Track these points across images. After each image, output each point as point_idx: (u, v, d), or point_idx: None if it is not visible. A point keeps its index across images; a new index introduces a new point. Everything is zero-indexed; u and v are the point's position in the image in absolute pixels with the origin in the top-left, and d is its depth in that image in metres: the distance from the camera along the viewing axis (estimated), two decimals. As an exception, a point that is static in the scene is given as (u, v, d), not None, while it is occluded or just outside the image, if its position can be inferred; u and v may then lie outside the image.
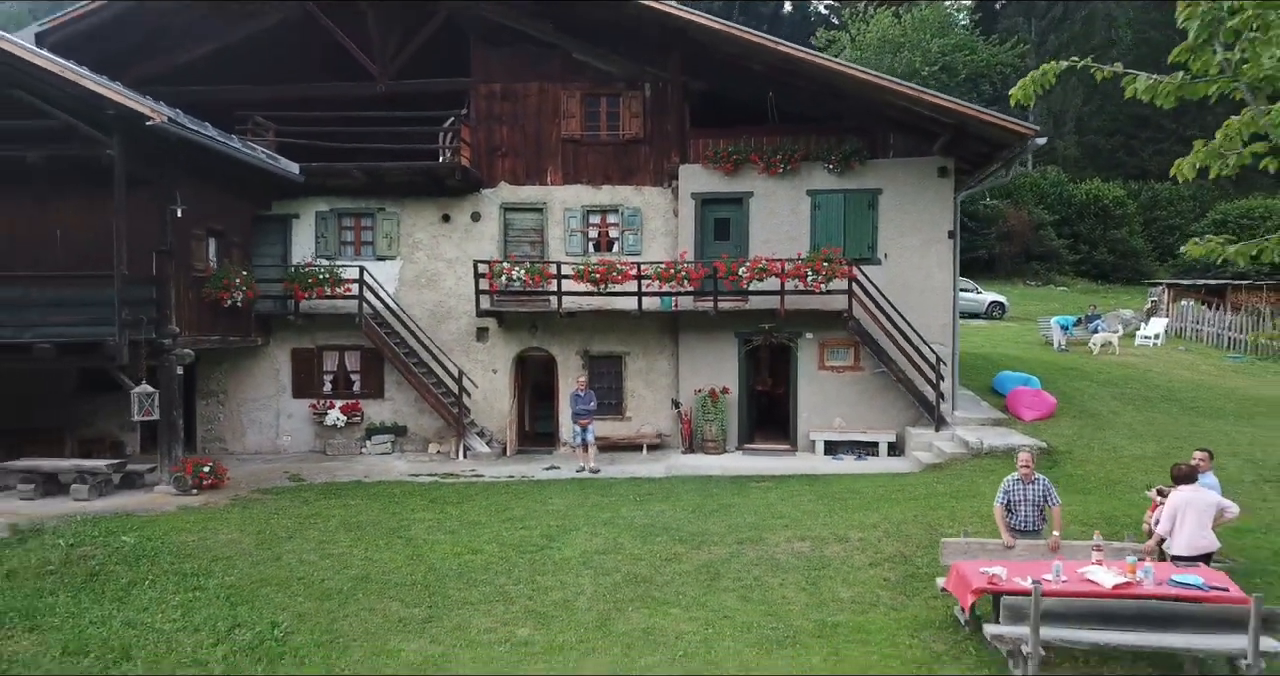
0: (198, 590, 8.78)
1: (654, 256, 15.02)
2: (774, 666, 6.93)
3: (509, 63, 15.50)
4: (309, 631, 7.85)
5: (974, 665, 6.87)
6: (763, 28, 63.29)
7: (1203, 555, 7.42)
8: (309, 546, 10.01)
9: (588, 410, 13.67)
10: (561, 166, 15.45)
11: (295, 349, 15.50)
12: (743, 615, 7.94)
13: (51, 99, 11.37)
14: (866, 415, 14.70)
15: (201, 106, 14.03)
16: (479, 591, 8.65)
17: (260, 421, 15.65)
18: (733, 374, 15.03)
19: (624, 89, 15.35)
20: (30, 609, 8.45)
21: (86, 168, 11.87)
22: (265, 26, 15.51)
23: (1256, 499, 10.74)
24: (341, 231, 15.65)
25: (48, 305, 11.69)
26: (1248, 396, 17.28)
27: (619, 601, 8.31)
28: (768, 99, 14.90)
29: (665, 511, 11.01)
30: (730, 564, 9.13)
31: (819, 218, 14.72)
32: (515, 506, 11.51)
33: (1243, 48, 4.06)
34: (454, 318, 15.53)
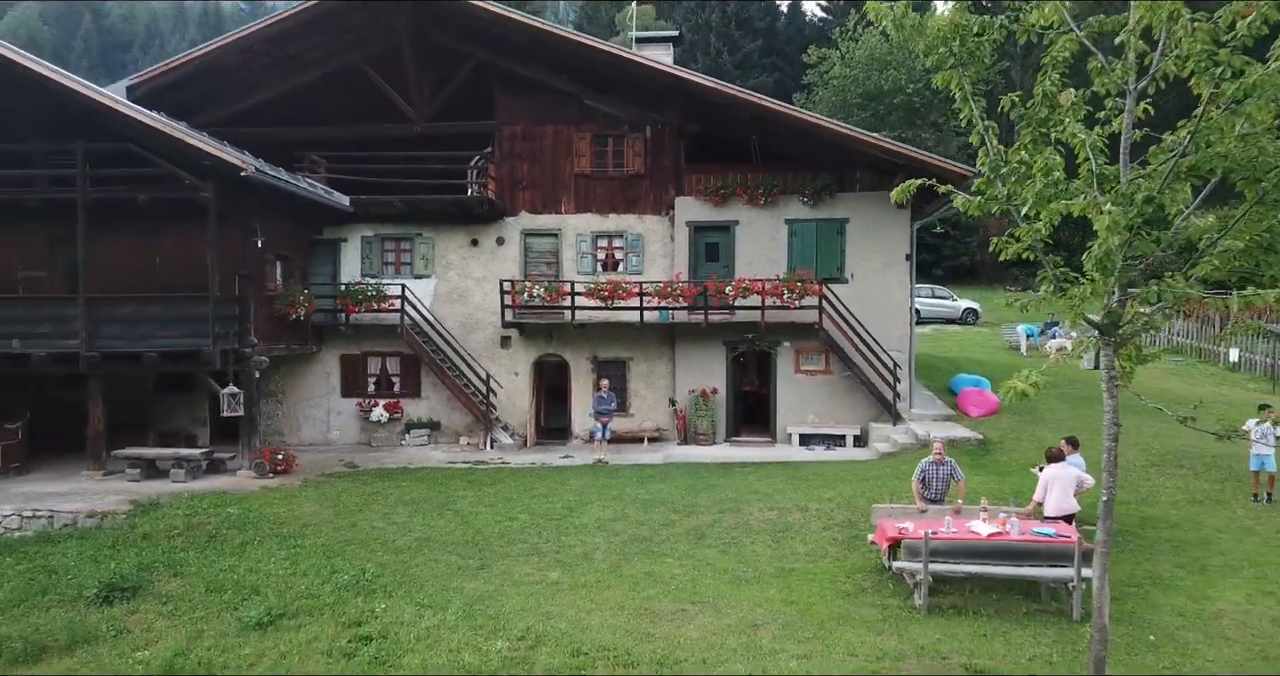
0: (297, 547, 11.24)
1: (654, 276, 17.48)
2: (740, 596, 9.40)
3: (529, 108, 17.96)
4: (390, 575, 10.31)
5: (889, 594, 9.33)
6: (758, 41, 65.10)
7: (1066, 515, 9.87)
8: (376, 516, 12.48)
9: (609, 409, 16.12)
10: (574, 198, 17.92)
11: (344, 355, 17.96)
12: (721, 563, 10.41)
13: (158, 151, 13.81)
14: (835, 412, 17.16)
15: (260, 146, 16.50)
16: (517, 547, 11.13)
17: (313, 417, 18.12)
18: (721, 377, 17.50)
19: (628, 131, 17.81)
20: (170, 560, 10.93)
21: (182, 206, 14.30)
22: (316, 76, 17.97)
23: (1141, 479, 13.23)
24: (384, 253, 18.11)
25: (154, 321, 14.17)
26: (1173, 396, 19.69)
27: (626, 554, 10.79)
28: (751, 141, 17.36)
29: (663, 490, 13.48)
30: (713, 527, 11.60)
31: (795, 243, 17.19)
32: (539, 486, 13.99)
33: (1010, 185, 6.46)
34: (481, 328, 17.99)
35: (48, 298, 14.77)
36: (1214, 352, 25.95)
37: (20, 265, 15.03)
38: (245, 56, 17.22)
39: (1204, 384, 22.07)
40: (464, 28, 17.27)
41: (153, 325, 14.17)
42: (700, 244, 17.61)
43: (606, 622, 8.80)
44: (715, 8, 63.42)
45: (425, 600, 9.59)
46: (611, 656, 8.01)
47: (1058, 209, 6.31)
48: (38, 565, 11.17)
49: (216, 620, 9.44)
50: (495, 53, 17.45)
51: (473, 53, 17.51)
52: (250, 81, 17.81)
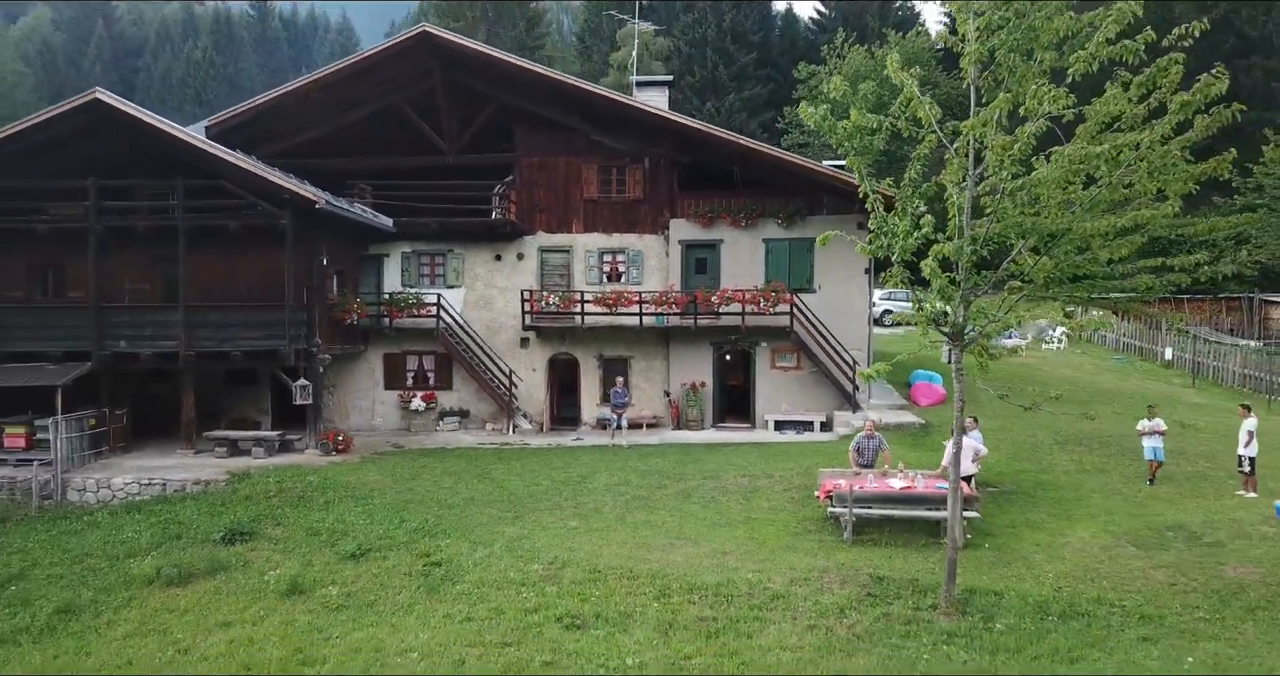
0: (369, 505, 14.29)
1: (651, 286, 20.50)
2: (715, 535, 12.44)
3: (544, 142, 20.98)
4: (446, 523, 13.36)
5: (827, 533, 12.37)
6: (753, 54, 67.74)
7: (966, 476, 12.89)
8: (427, 483, 15.54)
9: (624, 403, 19.11)
10: (583, 219, 20.94)
11: (387, 353, 20.99)
12: (702, 514, 13.48)
13: (245, 186, 16.86)
14: (805, 402, 20.20)
15: (315, 174, 19.53)
16: (542, 504, 14.19)
17: (360, 407, 21.15)
18: (709, 372, 20.55)
19: (629, 162, 20.83)
20: (272, 514, 14.00)
21: (261, 230, 17.32)
22: (362, 115, 20.97)
23: (1045, 454, 16.31)
24: (421, 267, 21.14)
25: (239, 325, 17.24)
26: (1100, 389, 22.81)
27: (628, 508, 13.85)
28: (734, 171, 20.38)
29: (658, 463, 16.52)
30: (697, 489, 14.66)
31: (771, 259, 20.23)
32: (557, 461, 17.04)
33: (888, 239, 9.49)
34: (504, 330, 21.01)
35: (151, 306, 17.80)
36: (1154, 352, 29.04)
37: (127, 280, 18.04)
38: (302, 101, 20.22)
39: (1133, 379, 25.12)
40: (489, 75, 20.29)
41: (238, 328, 17.24)
42: (691, 259, 20.65)
43: (614, 552, 11.85)
44: (711, 23, 66.34)
45: (476, 539, 12.65)
46: (618, 572, 11.05)
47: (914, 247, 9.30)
48: (165, 519, 14.26)
49: (319, 553, 12.51)
50: (515, 95, 20.48)
51: (496, 95, 20.54)
52: (306, 119, 20.80)
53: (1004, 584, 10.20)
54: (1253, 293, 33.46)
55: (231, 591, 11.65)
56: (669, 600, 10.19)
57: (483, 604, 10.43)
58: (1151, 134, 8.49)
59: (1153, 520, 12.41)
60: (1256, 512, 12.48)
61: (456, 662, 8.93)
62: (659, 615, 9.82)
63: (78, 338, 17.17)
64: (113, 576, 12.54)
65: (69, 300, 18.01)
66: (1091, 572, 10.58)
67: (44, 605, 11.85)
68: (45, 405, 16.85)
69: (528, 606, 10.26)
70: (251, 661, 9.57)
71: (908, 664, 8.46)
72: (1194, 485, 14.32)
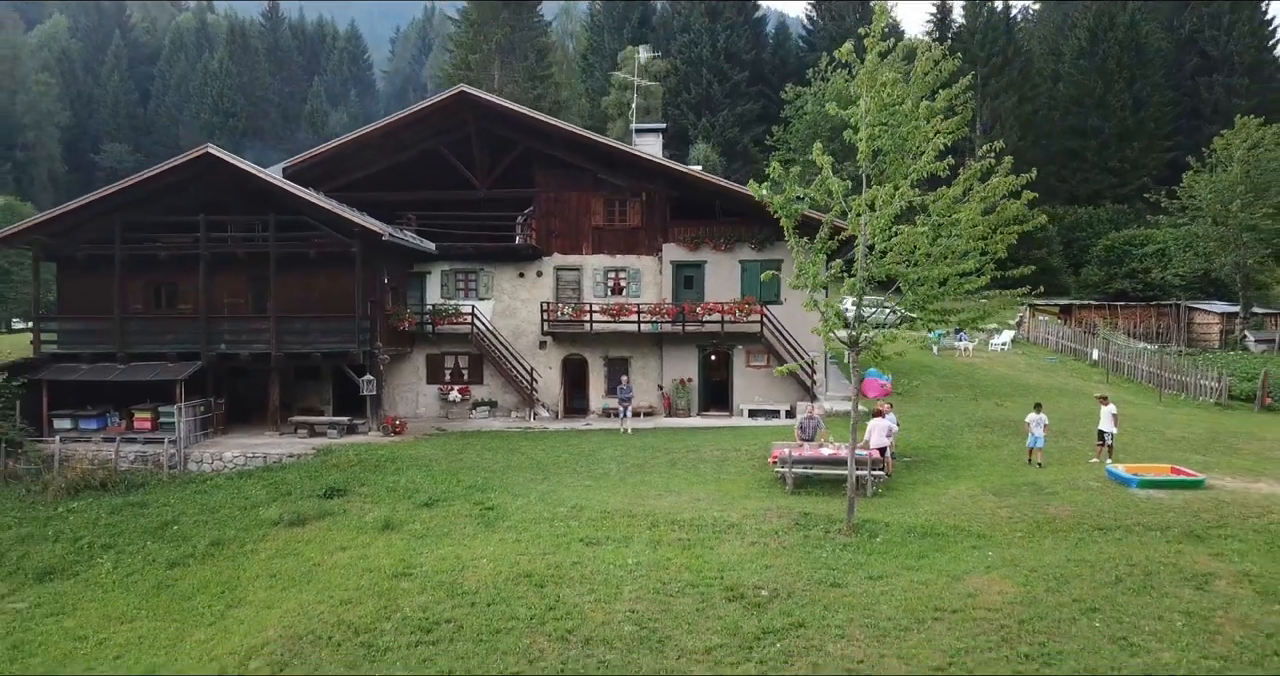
0: (430, 471, 18.66)
1: (647, 299, 24.85)
2: (693, 489, 16.81)
3: (559, 179, 25.32)
4: (491, 483, 17.72)
5: (775, 487, 16.73)
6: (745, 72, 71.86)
7: (880, 448, 17.25)
8: (472, 456, 19.92)
9: (629, 397, 23.38)
10: (591, 243, 25.30)
11: (429, 353, 25.35)
12: (684, 476, 17.86)
13: (323, 220, 21.23)
14: (775, 394, 24.55)
15: (370, 205, 23.88)
16: (563, 470, 18.58)
17: (406, 398, 25.50)
18: (695, 369, 24.91)
19: (629, 196, 25.18)
20: (356, 478, 18.38)
21: (333, 254, 21.66)
22: (408, 156, 25.33)
23: (956, 434, 20.66)
24: (457, 282, 25.50)
25: (317, 332, 21.61)
26: (1025, 384, 27.15)
27: (628, 472, 18.24)
28: (715, 204, 24.74)
29: (652, 442, 20.89)
30: (682, 460, 19.05)
31: (746, 277, 24.60)
32: (572, 440, 21.41)
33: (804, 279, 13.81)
34: (525, 335, 25.37)
35: (247, 316, 22.17)
36: (1085, 353, 33.37)
37: (226, 294, 22.38)
38: (361, 146, 24.60)
39: (1058, 376, 29.48)
40: (513, 125, 24.66)
41: (316, 334, 21.63)
42: (680, 276, 25.02)
43: (618, 501, 16.21)
44: (706, 43, 70.67)
45: (515, 493, 17.01)
46: (621, 512, 15.39)
47: (824, 283, 13.66)
48: (274, 482, 18.65)
49: (399, 503, 16.87)
50: (536, 141, 24.86)
51: (520, 141, 24.91)
52: (363, 160, 25.17)
53: (890, 517, 14.56)
54: (1181, 300, 37.86)
55: (340, 528, 16.04)
56: (657, 529, 14.56)
57: (526, 532, 14.81)
58: (967, 211, 12.87)
59: (1016, 479, 16.74)
60: (1094, 474, 16.81)
61: (513, 563, 13.28)
62: (649, 537, 14.19)
63: (189, 342, 21.57)
64: (246, 520, 16.94)
65: (180, 311, 22.37)
66: (955, 511, 14.93)
67: (199, 540, 16.26)
68: (160, 395, 21.25)
69: (558, 533, 14.64)
70: (368, 568, 13.93)
71: (814, 562, 12.81)
72: (1062, 456, 18.66)
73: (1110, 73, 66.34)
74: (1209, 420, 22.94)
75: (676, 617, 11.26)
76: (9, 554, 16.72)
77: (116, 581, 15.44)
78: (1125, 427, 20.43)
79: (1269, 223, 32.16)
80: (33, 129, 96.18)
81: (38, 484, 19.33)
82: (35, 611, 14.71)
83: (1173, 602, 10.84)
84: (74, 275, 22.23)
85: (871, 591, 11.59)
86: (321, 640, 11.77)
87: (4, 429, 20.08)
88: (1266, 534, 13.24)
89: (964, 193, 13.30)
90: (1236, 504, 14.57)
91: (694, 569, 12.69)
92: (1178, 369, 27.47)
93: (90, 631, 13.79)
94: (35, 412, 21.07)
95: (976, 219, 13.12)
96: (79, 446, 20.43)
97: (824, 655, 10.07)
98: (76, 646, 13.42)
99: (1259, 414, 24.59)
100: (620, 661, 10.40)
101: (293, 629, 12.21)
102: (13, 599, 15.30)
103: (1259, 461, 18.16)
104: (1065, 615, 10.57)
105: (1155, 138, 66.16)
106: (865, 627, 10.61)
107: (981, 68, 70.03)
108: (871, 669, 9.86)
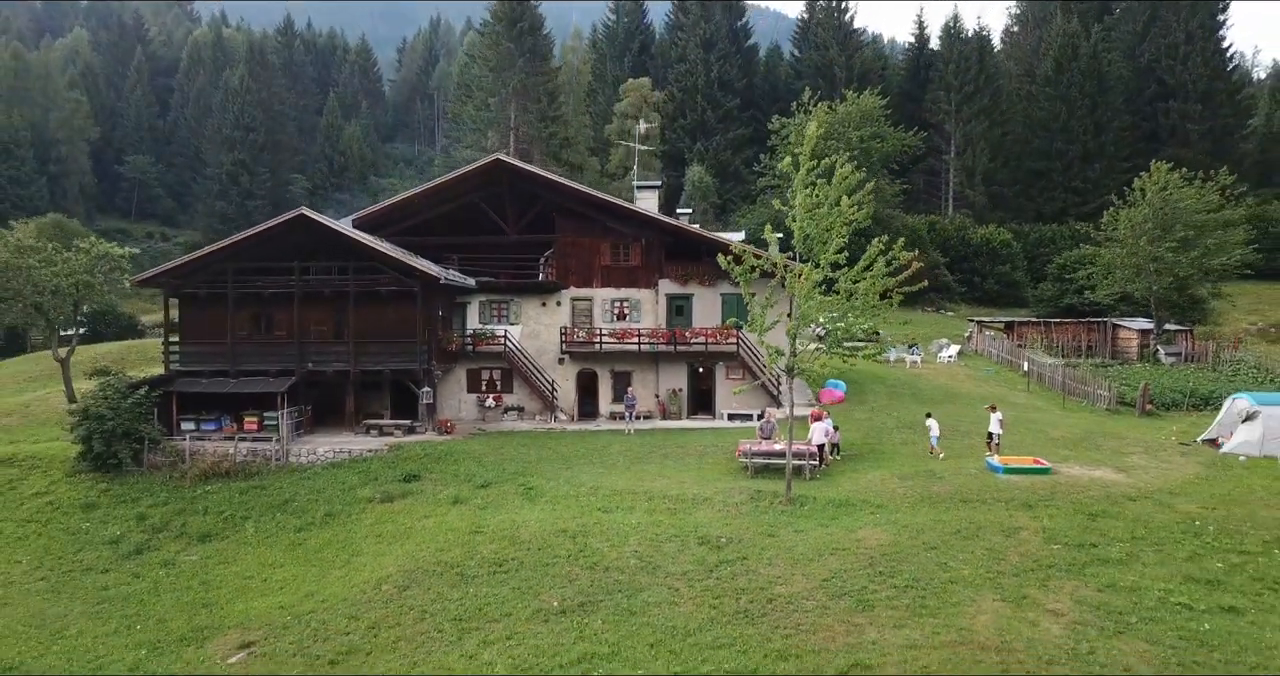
0: (481, 462, 24.53)
1: (646, 325, 30.70)
2: (679, 474, 22.68)
3: (575, 227, 31.16)
4: (529, 470, 23.58)
5: (740, 473, 22.59)
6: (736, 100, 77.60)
7: (819, 445, 23.09)
8: (510, 450, 25.79)
9: (633, 404, 29.17)
10: (600, 279, 31.14)
11: (469, 368, 31.19)
12: (674, 465, 23.75)
13: (390, 265, 27.09)
14: (750, 402, 30.36)
15: (420, 248, 29.73)
16: (582, 461, 24.47)
17: (450, 404, 31.33)
18: (684, 381, 30.76)
19: (631, 241, 31.02)
20: (426, 467, 24.28)
21: (398, 292, 27.50)
22: (451, 207, 31.18)
23: (886, 434, 26.52)
24: (491, 311, 31.34)
25: (385, 353, 27.48)
26: (959, 393, 33.00)
27: (632, 463, 24.13)
28: (701, 248, 30.59)
29: (649, 440, 26.76)
30: (673, 454, 24.93)
31: (726, 307, 30.44)
32: (586, 439, 27.29)
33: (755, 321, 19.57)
34: (547, 353, 31.21)
35: (330, 340, 28.02)
36: (1017, 364, 39.21)
37: (312, 323, 28.22)
38: (412, 201, 30.47)
39: (988, 385, 35.33)
40: (539, 184, 30.53)
41: (385, 355, 27.49)
42: (673, 306, 30.90)
43: (624, 483, 22.05)
44: (700, 73, 76.53)
45: (547, 477, 22.87)
46: (626, 491, 21.22)
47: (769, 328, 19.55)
48: (362, 470, 24.54)
49: (462, 486, 22.74)
50: (556, 197, 30.72)
51: (543, 196, 30.76)
52: (414, 211, 31.02)
53: (818, 493, 20.40)
54: (1109, 318, 43.72)
55: (421, 503, 21.92)
56: (652, 501, 20.40)
57: (558, 504, 20.67)
58: (864, 285, 18.74)
59: (919, 468, 22.56)
60: (977, 464, 22.62)
61: (552, 523, 19.12)
62: (647, 507, 20.04)
63: (285, 360, 27.43)
64: (347, 498, 22.83)
65: (277, 337, 28.21)
66: (866, 489, 20.76)
67: (315, 512, 22.16)
68: (261, 403, 27.10)
69: (581, 504, 20.49)
70: (449, 529, 19.77)
71: (759, 522, 18.63)
72: (961, 451, 24.48)
73: (1074, 99, 72.27)
74: (1092, 423, 28.77)
75: (664, 554, 17.14)
76: (172, 522, 22.66)
77: (260, 540, 21.37)
78: (1022, 429, 26.44)
79: (1171, 255, 37.92)
80: (65, 144, 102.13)
81: (176, 472, 25.22)
82: (207, 562, 20.64)
83: (986, 543, 16.68)
84: (193, 308, 28.08)
85: (794, 538, 17.45)
86: (428, 572, 17.65)
87: (147, 430, 25.91)
88: (1075, 503, 19.07)
89: (867, 266, 19.09)
90: (1068, 485, 20.42)
91: (677, 526, 18.56)
92: (1080, 380, 33.32)
93: (254, 572, 19.73)
94: (166, 417, 26.92)
95: (873, 287, 18.95)
96: (202, 444, 26.29)
97: (756, 574, 15.91)
98: (248, 582, 19.33)
99: (1139, 418, 30.44)
100: (627, 580, 16.26)
101: (405, 566, 18.10)
102: (186, 553, 21.22)
103: (1108, 455, 23.97)
104: (913, 551, 16.41)
105: (1115, 159, 72.17)
106: (785, 558, 16.46)
107: (955, 95, 76.21)
108: (786, 585, 15.68)
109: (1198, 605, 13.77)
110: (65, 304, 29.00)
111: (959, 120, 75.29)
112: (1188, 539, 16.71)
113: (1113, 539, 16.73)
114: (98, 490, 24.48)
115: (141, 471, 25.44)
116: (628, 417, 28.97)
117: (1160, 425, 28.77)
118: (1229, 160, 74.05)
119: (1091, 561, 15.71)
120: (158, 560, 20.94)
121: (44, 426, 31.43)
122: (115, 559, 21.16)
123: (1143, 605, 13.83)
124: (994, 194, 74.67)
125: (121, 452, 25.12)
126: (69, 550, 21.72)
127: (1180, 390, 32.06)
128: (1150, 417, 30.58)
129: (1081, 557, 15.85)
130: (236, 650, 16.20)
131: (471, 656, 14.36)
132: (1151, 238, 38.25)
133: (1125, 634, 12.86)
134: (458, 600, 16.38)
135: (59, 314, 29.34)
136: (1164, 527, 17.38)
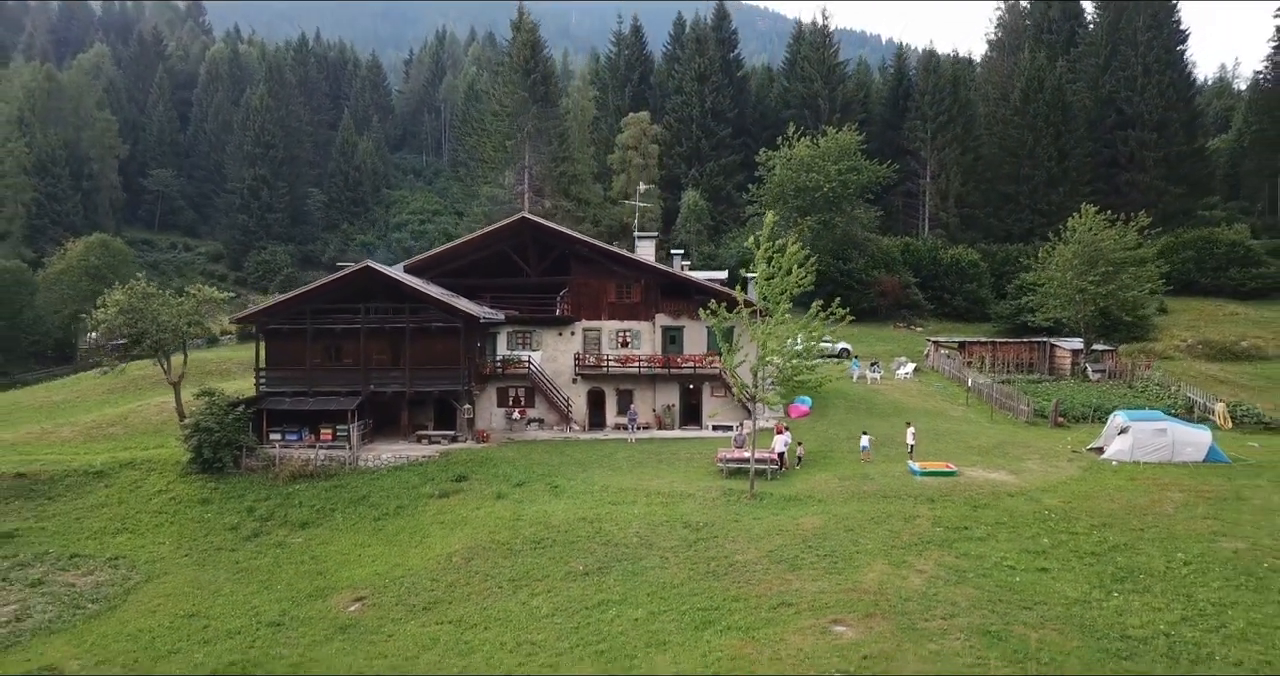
0: (514, 465, 31.00)
1: (645, 351, 37.15)
2: (671, 475, 29.16)
3: (586, 270, 37.60)
4: (553, 472, 30.06)
5: (718, 474, 29.06)
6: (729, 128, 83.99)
7: (779, 453, 29.55)
8: (537, 456, 32.29)
9: (635, 417, 35.60)
10: (607, 313, 37.59)
11: (498, 387, 37.64)
12: (669, 471, 30.24)
13: (438, 306, 33.55)
14: (730, 415, 36.82)
15: (458, 288, 36.21)
16: (593, 464, 30.97)
17: (482, 417, 37.77)
18: (677, 398, 37.24)
19: (633, 282, 37.47)
20: (471, 470, 30.79)
21: (444, 327, 33.94)
22: (483, 255, 37.66)
23: (837, 443, 33.00)
24: (517, 339, 37.77)
25: (434, 376, 33.97)
26: (907, 407, 39.41)
27: (633, 466, 30.64)
28: (691, 288, 37.05)
29: (648, 447, 33.22)
30: (667, 459, 31.43)
31: (711, 337, 36.88)
32: (596, 447, 33.76)
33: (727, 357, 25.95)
34: (563, 375, 37.65)
35: (389, 366, 34.47)
36: (964, 381, 45.57)
37: (374, 352, 34.66)
38: (453, 250, 36.95)
39: (933, 400, 41.76)
40: (557, 236, 37.01)
41: (434, 379, 33.98)
42: (667, 336, 37.38)
43: (628, 483, 28.51)
44: (695, 104, 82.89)
45: (567, 478, 29.35)
46: (629, 488, 27.68)
47: (739, 363, 26.09)
48: (420, 472, 31.02)
49: (503, 484, 29.23)
50: (571, 246, 37.20)
51: (560, 245, 37.24)
52: (454, 256, 37.48)
53: (776, 491, 26.83)
54: (1047, 338, 50.15)
55: (471, 498, 28.38)
56: (649, 497, 26.84)
57: (577, 499, 27.12)
58: (804, 334, 25.25)
59: (858, 471, 28.93)
60: (903, 468, 29.01)
61: (575, 513, 25.55)
62: (645, 501, 26.48)
63: (352, 383, 33.88)
64: (411, 495, 29.30)
65: (344, 364, 34.65)
66: (813, 488, 27.18)
67: (387, 506, 28.66)
68: (332, 418, 33.55)
69: (596, 499, 26.94)
70: (496, 517, 26.22)
71: (729, 511, 25.06)
72: (891, 457, 30.90)
73: (1040, 128, 78.85)
74: (1009, 433, 35.19)
75: (658, 534, 23.61)
76: (276, 514, 29.12)
77: (348, 527, 27.84)
78: (949, 439, 32.91)
79: (1094, 287, 44.27)
80: (96, 161, 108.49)
81: (270, 474, 31.68)
82: (310, 543, 27.12)
83: (890, 526, 23.12)
84: (277, 340, 34.52)
85: (752, 524, 23.91)
86: (484, 548, 24.11)
87: (245, 439, 32.36)
88: (967, 498, 25.49)
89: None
90: (967, 484, 26.87)
91: (668, 515, 25.02)
92: (1007, 395, 39.77)
93: (349, 550, 26.20)
94: (258, 429, 33.37)
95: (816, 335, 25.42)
96: (288, 451, 32.74)
97: (722, 547, 22.37)
98: (346, 557, 25.80)
99: (1050, 429, 36.85)
100: (632, 552, 22.71)
101: (467, 544, 24.57)
102: (292, 537, 27.69)
103: (1010, 460, 30.38)
104: (836, 532, 22.87)
105: (1077, 183, 78.80)
106: (744, 537, 22.92)
107: (930, 123, 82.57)
108: (743, 554, 22.10)
109: (1019, 567, 20.26)
110: (178, 339, 35.33)
111: (934, 147, 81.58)
112: (1036, 523, 23.17)
113: (982, 523, 23.21)
114: (209, 488, 30.92)
115: (240, 473, 31.89)
116: (630, 428, 35.36)
117: (1066, 436, 35.19)
118: (1185, 183, 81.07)
119: (960, 539, 22.19)
120: (271, 542, 27.40)
121: (145, 435, 37.96)
122: (238, 541, 27.62)
123: (982, 567, 20.31)
124: (966, 215, 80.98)
125: (225, 458, 31.60)
126: (199, 534, 28.18)
127: (1088, 404, 38.48)
128: (1061, 429, 36.95)
129: (953, 536, 22.33)
130: (352, 602, 22.69)
131: (524, 602, 20.87)
132: (1078, 272, 44.57)
133: (961, 583, 19.34)
134: (509, 567, 22.87)
135: (174, 346, 35.66)
136: (1024, 515, 23.84)
